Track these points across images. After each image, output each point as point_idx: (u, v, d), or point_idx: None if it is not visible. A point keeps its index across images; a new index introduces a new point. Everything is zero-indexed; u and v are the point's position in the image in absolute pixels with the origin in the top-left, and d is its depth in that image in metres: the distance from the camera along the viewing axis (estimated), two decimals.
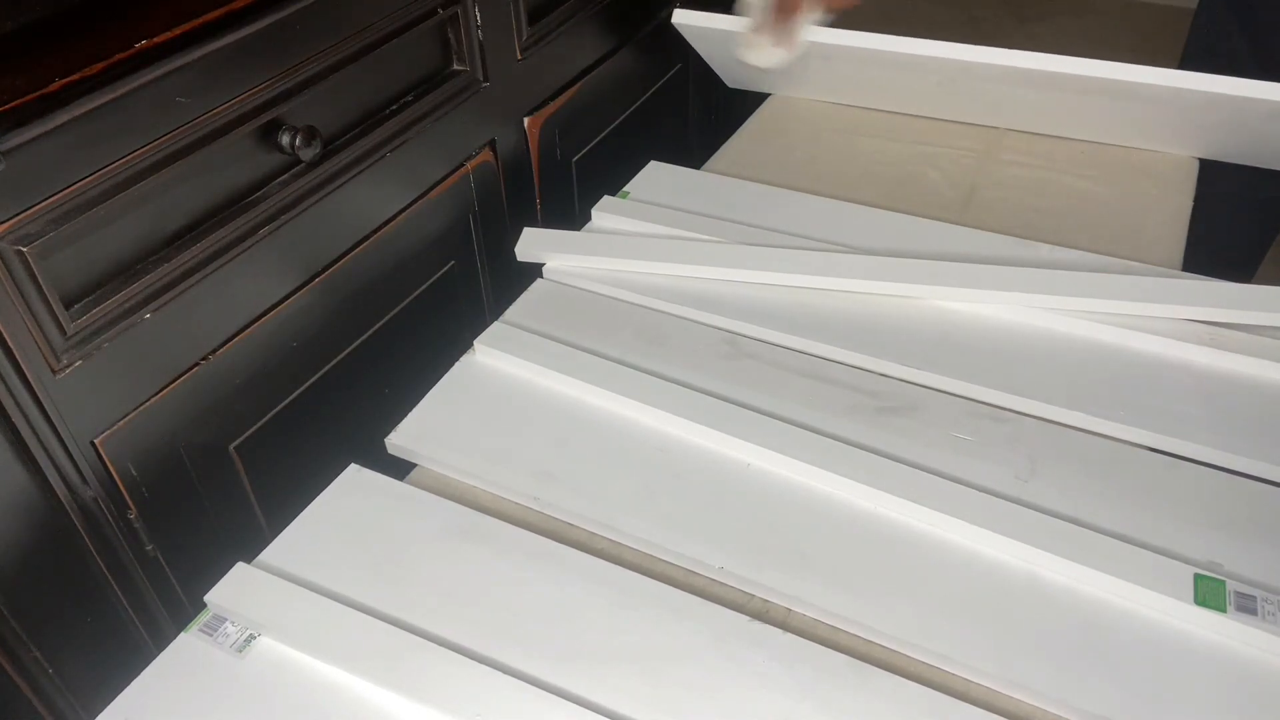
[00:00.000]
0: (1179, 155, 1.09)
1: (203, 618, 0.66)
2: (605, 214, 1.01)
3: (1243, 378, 0.81)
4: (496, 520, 0.72)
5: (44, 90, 0.61)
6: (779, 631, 0.64)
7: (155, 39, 0.67)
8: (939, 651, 0.63)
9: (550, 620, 0.65)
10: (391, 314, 0.96)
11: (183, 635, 0.65)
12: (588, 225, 1.02)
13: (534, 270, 0.96)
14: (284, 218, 0.80)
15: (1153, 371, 0.82)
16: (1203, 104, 0.97)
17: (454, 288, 1.04)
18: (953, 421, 0.78)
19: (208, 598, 0.67)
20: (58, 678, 0.74)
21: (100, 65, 0.64)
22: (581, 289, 0.93)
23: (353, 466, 0.76)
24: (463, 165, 0.99)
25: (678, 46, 1.30)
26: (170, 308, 0.73)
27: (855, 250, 0.95)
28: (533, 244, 0.96)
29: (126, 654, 0.78)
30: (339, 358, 0.91)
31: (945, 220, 1.00)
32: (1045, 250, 0.95)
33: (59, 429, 0.68)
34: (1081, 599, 0.66)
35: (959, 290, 0.89)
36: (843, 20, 1.05)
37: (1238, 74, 0.93)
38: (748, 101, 1.25)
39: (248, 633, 0.65)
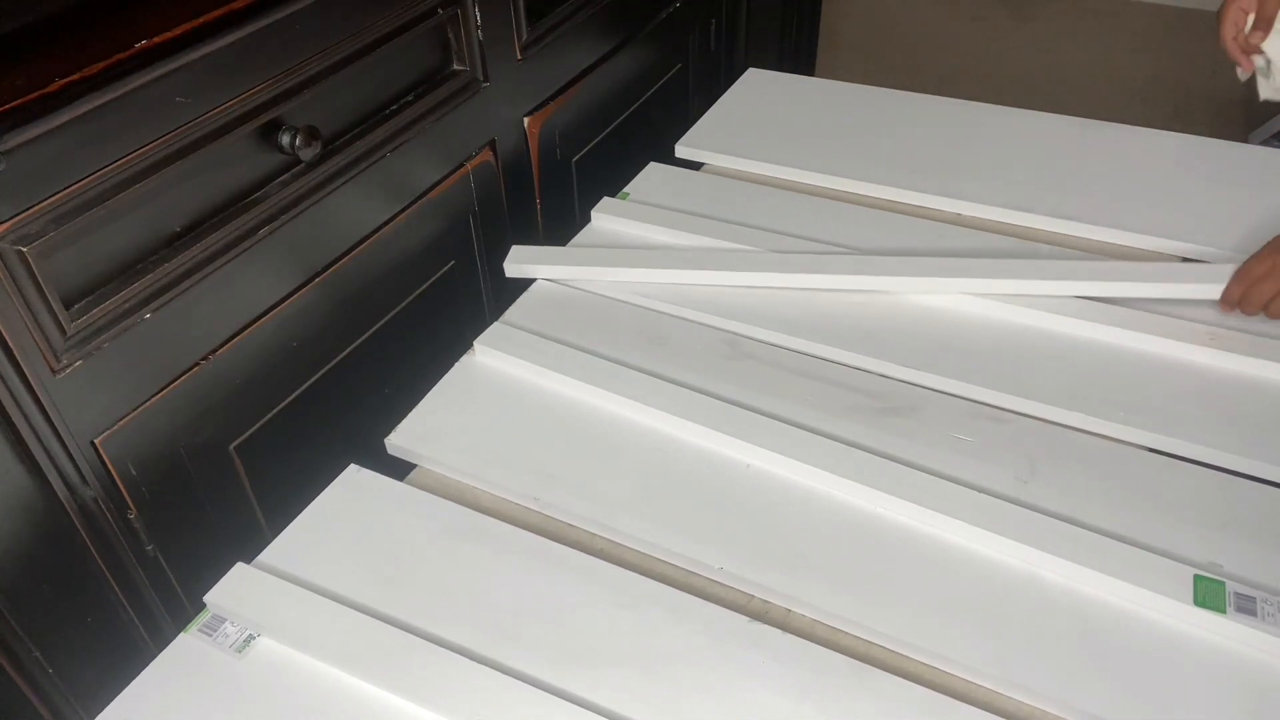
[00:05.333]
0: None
1: (202, 618, 0.66)
2: (605, 215, 1.01)
3: (1243, 378, 0.81)
4: (496, 521, 0.72)
5: (44, 90, 0.61)
6: (779, 632, 0.64)
7: (155, 39, 0.67)
8: (939, 652, 0.63)
9: (550, 620, 0.65)
10: (391, 314, 0.96)
11: (182, 635, 0.65)
12: (587, 226, 1.02)
13: None
14: (284, 218, 0.80)
15: (1153, 371, 0.82)
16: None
17: (454, 288, 1.04)
18: (953, 422, 0.78)
19: (207, 598, 0.67)
20: (58, 678, 0.74)
21: (100, 65, 0.64)
22: (581, 290, 0.93)
23: (352, 466, 0.76)
24: (463, 165, 0.99)
25: (678, 46, 1.30)
26: (170, 308, 0.73)
27: (854, 250, 0.95)
28: (521, 260, 0.96)
29: (126, 654, 0.78)
30: (339, 358, 0.91)
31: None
32: (1045, 251, 0.95)
33: (59, 429, 0.68)
34: (1081, 600, 0.66)
35: (952, 280, 0.89)
36: (844, 29, 1.05)
37: None
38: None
39: (247, 633, 0.65)
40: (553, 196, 1.16)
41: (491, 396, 0.82)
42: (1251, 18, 0.92)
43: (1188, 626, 0.64)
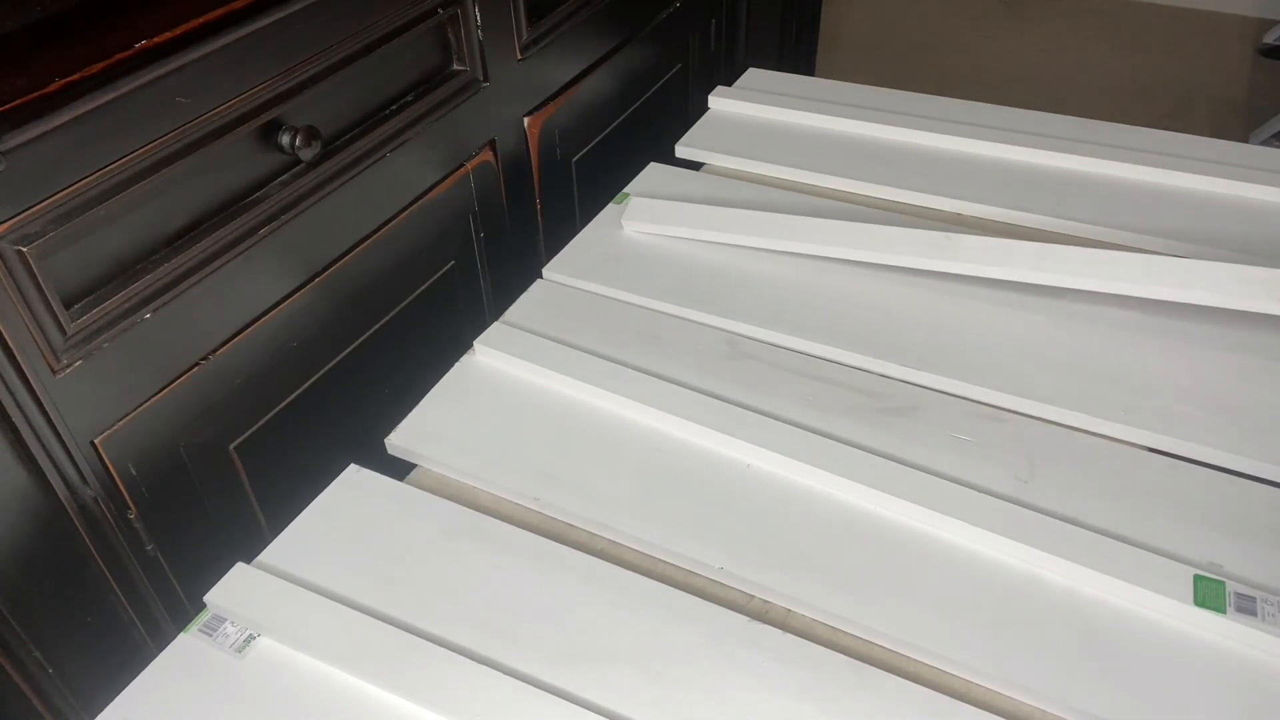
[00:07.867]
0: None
1: (202, 618, 0.66)
2: (605, 219, 1.01)
3: (1243, 377, 0.81)
4: (496, 520, 0.72)
5: (44, 90, 0.61)
6: (779, 632, 0.64)
7: (155, 39, 0.67)
8: (939, 652, 0.63)
9: (550, 620, 0.65)
10: (391, 314, 0.96)
11: (182, 635, 0.65)
12: (592, 221, 1.02)
13: (534, 270, 0.96)
14: (284, 218, 0.80)
15: (1153, 371, 0.82)
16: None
17: (454, 288, 1.04)
18: (953, 422, 0.78)
19: (207, 598, 0.67)
20: (58, 678, 0.74)
21: (100, 65, 0.64)
22: (581, 290, 0.93)
23: (352, 466, 0.76)
24: (463, 165, 0.99)
25: (678, 46, 1.30)
26: (170, 308, 0.73)
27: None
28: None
29: (126, 654, 0.78)
30: (339, 358, 0.91)
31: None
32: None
33: (59, 429, 0.68)
34: (1081, 600, 0.66)
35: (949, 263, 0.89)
36: (844, 29, 1.05)
37: None
38: None
39: (247, 633, 0.65)
40: (553, 196, 1.16)
41: (491, 396, 0.82)
42: None
43: (1188, 626, 0.64)
